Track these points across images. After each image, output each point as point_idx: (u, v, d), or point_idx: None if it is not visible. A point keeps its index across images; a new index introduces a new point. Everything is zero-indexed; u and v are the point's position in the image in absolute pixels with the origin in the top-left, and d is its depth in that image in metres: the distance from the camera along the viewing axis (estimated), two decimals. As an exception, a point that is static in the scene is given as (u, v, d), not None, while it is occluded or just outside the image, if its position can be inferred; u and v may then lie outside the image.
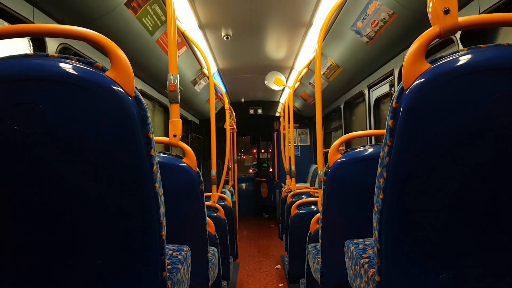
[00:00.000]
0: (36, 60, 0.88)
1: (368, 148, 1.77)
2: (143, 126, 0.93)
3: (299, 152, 7.78)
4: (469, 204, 0.96)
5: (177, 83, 1.79)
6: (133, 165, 0.94)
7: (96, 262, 0.98)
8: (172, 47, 1.82)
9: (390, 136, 0.95)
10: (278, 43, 4.31)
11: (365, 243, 1.47)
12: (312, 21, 3.55)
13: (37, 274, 0.99)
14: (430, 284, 1.01)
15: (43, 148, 0.89)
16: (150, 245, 1.01)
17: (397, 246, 1.02)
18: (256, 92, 6.99)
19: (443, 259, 1.00)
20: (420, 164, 0.95)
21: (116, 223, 0.97)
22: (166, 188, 1.10)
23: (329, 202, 1.83)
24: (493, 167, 0.93)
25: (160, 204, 1.01)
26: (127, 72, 0.92)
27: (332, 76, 4.34)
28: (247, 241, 6.53)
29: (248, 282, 4.21)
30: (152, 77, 3.85)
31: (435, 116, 0.90)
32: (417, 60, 0.91)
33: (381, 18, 2.67)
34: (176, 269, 1.24)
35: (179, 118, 1.79)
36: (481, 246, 0.99)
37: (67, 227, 0.96)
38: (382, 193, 0.99)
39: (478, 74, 0.87)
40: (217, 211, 2.96)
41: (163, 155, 1.72)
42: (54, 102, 0.86)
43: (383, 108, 3.92)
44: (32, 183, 0.91)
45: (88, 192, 0.93)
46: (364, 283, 1.23)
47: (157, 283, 1.04)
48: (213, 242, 2.31)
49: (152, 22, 2.86)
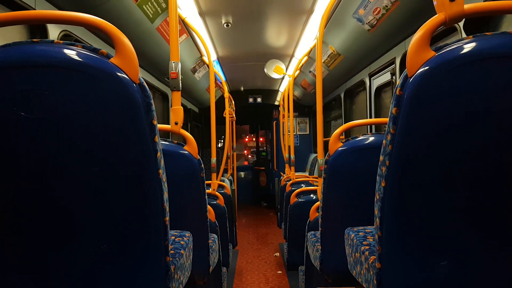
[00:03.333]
0: (41, 46, 0.87)
1: (370, 137, 1.78)
2: (148, 112, 0.93)
3: (298, 141, 7.79)
4: (472, 192, 0.97)
5: (179, 71, 1.78)
6: (138, 151, 0.94)
7: (101, 246, 0.99)
8: (173, 34, 1.81)
9: (393, 124, 0.95)
10: (278, 30, 4.28)
11: (365, 231, 1.49)
12: (313, 8, 3.52)
13: (41, 258, 1.00)
14: (431, 272, 1.02)
15: (49, 134, 0.89)
16: (154, 230, 1.02)
17: (398, 233, 1.03)
18: (256, 80, 6.97)
19: (444, 247, 1.02)
20: (423, 152, 0.95)
21: (121, 209, 0.98)
22: (168, 175, 1.10)
23: (330, 190, 1.83)
24: (497, 155, 0.93)
25: (164, 190, 1.02)
26: (132, 59, 0.92)
27: (333, 64, 4.32)
28: (246, 229, 6.57)
29: (247, 269, 4.26)
30: (152, 64, 3.83)
31: (439, 104, 0.90)
32: (421, 48, 0.90)
33: (383, 5, 2.66)
34: (179, 254, 1.25)
35: (180, 106, 1.79)
36: (482, 233, 1.00)
37: (72, 212, 0.97)
38: (384, 181, 1.00)
39: (483, 62, 0.86)
40: (217, 199, 2.98)
41: (165, 142, 1.73)
42: (59, 89, 0.86)
43: (384, 97, 3.92)
44: (38, 169, 0.92)
45: (93, 178, 0.94)
46: (364, 270, 1.24)
47: (161, 267, 1.05)
48: (213, 229, 2.33)
49: (153, 9, 2.84)
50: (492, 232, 1.00)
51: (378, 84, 3.91)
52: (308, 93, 6.34)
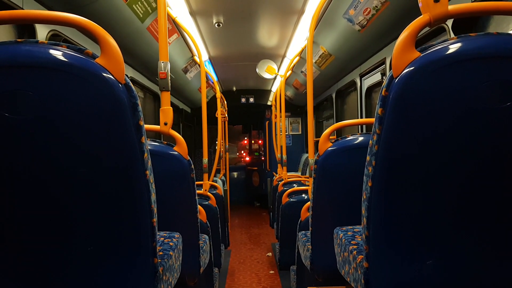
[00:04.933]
0: (26, 46, 0.87)
1: (359, 137, 1.79)
2: (134, 113, 0.93)
3: (291, 141, 7.80)
4: (456, 191, 0.97)
5: (168, 71, 1.78)
6: (124, 152, 0.94)
7: (88, 248, 0.98)
8: (162, 34, 1.80)
9: (379, 125, 0.95)
10: (270, 31, 4.28)
11: (354, 230, 1.49)
12: (304, 9, 3.53)
13: (28, 260, 0.99)
14: (417, 270, 1.03)
15: (34, 135, 0.88)
16: (141, 231, 1.02)
17: (384, 232, 1.04)
18: (248, 80, 6.96)
19: (430, 246, 1.02)
20: (408, 152, 0.96)
21: (107, 210, 0.98)
22: (157, 176, 1.10)
23: (319, 190, 1.84)
24: (482, 154, 0.94)
25: (151, 191, 1.01)
26: (117, 59, 0.91)
27: (324, 64, 4.33)
28: (238, 229, 6.57)
29: (239, 269, 4.25)
30: (143, 64, 3.81)
31: (424, 104, 0.91)
32: (406, 49, 0.91)
33: (373, 6, 2.67)
34: (167, 255, 1.25)
35: (170, 106, 1.79)
36: (468, 232, 1.01)
37: (58, 213, 0.96)
38: (370, 181, 1.01)
39: (467, 63, 0.87)
40: (209, 199, 2.98)
41: (154, 143, 1.72)
42: (44, 89, 0.86)
43: (375, 97, 3.93)
44: (23, 171, 0.91)
45: (78, 179, 0.93)
46: (352, 269, 1.25)
47: (149, 269, 1.05)
48: (204, 230, 2.32)
49: (143, 9, 2.82)
50: (478, 230, 1.01)
51: (369, 84, 3.93)
52: (300, 93, 6.35)
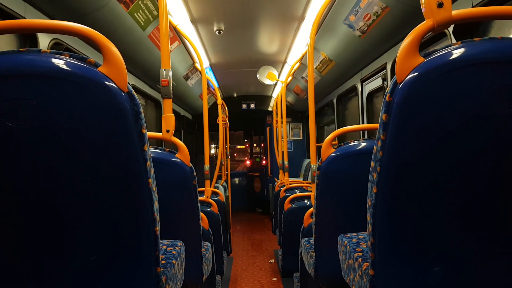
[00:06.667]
0: (29, 55, 0.86)
1: (362, 142, 1.78)
2: (136, 121, 0.92)
3: (292, 147, 7.79)
4: (462, 197, 0.97)
5: (170, 78, 1.78)
6: (127, 160, 0.93)
7: (91, 257, 0.97)
8: (164, 42, 1.80)
9: (383, 130, 0.95)
10: (270, 37, 4.30)
11: (358, 237, 1.48)
12: (304, 15, 3.54)
13: (30, 270, 0.98)
14: (424, 278, 1.02)
15: (36, 144, 0.88)
16: (144, 240, 1.01)
17: (390, 240, 1.03)
18: (249, 86, 6.98)
19: (437, 253, 1.01)
20: (413, 158, 0.95)
21: (110, 219, 0.97)
22: (160, 184, 1.09)
23: (322, 196, 1.83)
24: (487, 160, 0.93)
25: (154, 200, 1.01)
26: (120, 67, 0.91)
27: (325, 70, 4.34)
28: (240, 236, 6.54)
29: (242, 277, 4.23)
30: (144, 72, 3.82)
31: (429, 110, 0.90)
32: (410, 54, 0.91)
33: (373, 11, 2.68)
34: (170, 264, 1.24)
35: (172, 114, 1.78)
36: (475, 239, 1.00)
37: (60, 223, 0.95)
38: (375, 187, 1.00)
39: (472, 68, 0.87)
40: (211, 206, 2.96)
41: (156, 150, 1.71)
42: (47, 98, 0.85)
43: (376, 102, 3.94)
44: (26, 179, 0.90)
45: (81, 188, 0.93)
46: (358, 277, 1.24)
47: (152, 278, 1.04)
48: (206, 237, 2.31)
49: (144, 17, 2.83)
50: (485, 237, 1.00)
51: (370, 90, 3.93)
52: (301, 98, 6.36)
